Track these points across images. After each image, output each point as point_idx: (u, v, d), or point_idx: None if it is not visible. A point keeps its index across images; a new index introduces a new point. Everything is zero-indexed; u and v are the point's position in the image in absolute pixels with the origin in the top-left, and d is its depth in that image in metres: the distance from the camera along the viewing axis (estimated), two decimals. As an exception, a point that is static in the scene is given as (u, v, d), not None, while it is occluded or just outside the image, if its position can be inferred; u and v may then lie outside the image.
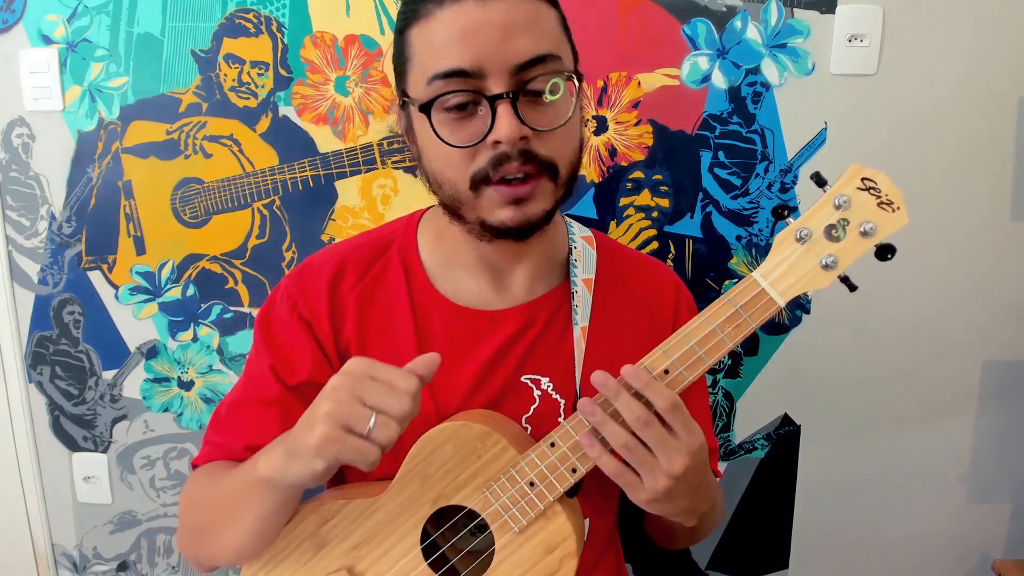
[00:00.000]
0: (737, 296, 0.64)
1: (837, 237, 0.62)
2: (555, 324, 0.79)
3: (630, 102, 1.18)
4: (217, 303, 1.30)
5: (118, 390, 1.36)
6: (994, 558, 1.29)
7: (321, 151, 1.24)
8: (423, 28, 0.67)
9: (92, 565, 1.45)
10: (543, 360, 0.78)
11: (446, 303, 0.79)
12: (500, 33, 0.64)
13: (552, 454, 0.68)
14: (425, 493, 0.72)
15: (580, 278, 0.80)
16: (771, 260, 0.64)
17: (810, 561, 1.32)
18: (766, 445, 1.29)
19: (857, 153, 1.18)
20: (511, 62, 0.64)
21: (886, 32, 1.14)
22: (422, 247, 0.81)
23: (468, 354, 0.77)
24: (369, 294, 0.79)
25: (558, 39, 0.69)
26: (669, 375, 0.66)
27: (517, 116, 0.65)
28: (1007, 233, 1.20)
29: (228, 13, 1.21)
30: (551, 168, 0.69)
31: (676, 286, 0.88)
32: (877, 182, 0.62)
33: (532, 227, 0.70)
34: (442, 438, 0.71)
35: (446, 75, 0.65)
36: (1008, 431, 1.27)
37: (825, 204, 0.62)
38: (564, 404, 0.78)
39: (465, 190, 0.69)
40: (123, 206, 1.28)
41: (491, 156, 0.67)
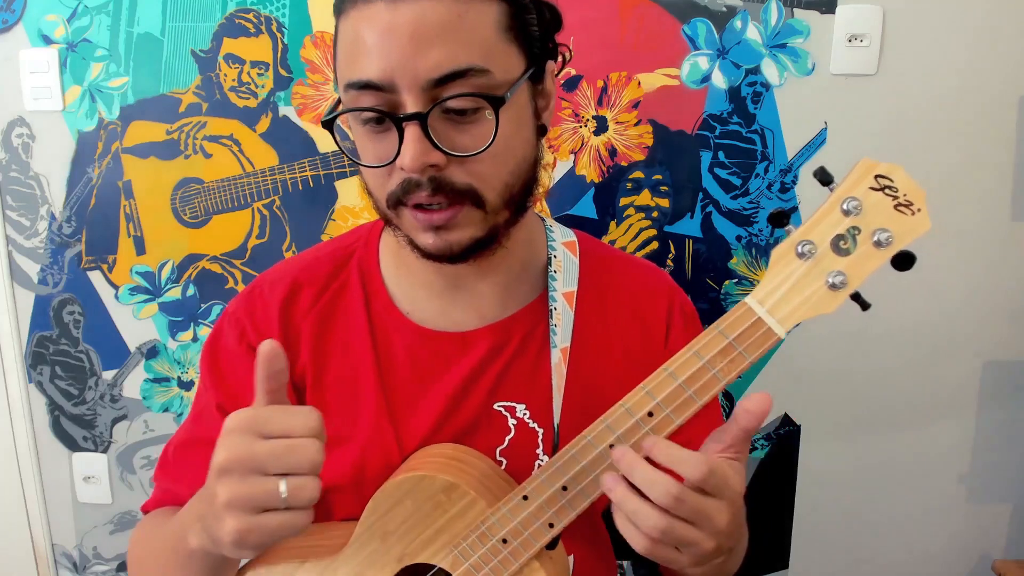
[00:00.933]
0: (729, 327, 0.54)
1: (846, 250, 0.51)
2: (532, 343, 0.71)
3: (630, 102, 1.18)
4: (217, 303, 1.30)
5: (118, 390, 1.36)
6: (994, 558, 1.29)
7: (321, 151, 1.24)
8: (345, 23, 0.59)
9: (92, 565, 1.45)
10: (518, 385, 0.70)
11: (408, 325, 0.71)
12: (409, 42, 0.55)
13: (526, 508, 0.60)
14: (388, 551, 0.65)
15: (560, 292, 0.71)
16: (768, 282, 0.53)
17: (810, 561, 1.32)
18: (766, 445, 1.29)
19: (857, 153, 1.17)
20: (423, 77, 0.55)
21: (886, 32, 1.14)
22: (383, 260, 0.74)
23: (435, 381, 0.70)
24: (326, 316, 0.71)
25: (492, 46, 0.58)
26: (654, 418, 0.57)
27: (428, 139, 0.56)
28: (1007, 233, 1.20)
29: (228, 13, 1.21)
30: (471, 195, 0.60)
31: (670, 291, 0.79)
32: (893, 179, 0.52)
33: (463, 253, 0.62)
34: (399, 493, 0.64)
35: (358, 86, 0.57)
36: (1008, 431, 1.27)
37: (831, 210, 0.52)
38: (543, 433, 0.70)
39: (385, 208, 0.63)
40: (123, 206, 1.28)
41: (401, 180, 0.59)
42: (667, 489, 0.51)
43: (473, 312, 0.71)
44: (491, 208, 0.61)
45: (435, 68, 0.55)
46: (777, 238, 1.21)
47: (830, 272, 0.51)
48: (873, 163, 0.53)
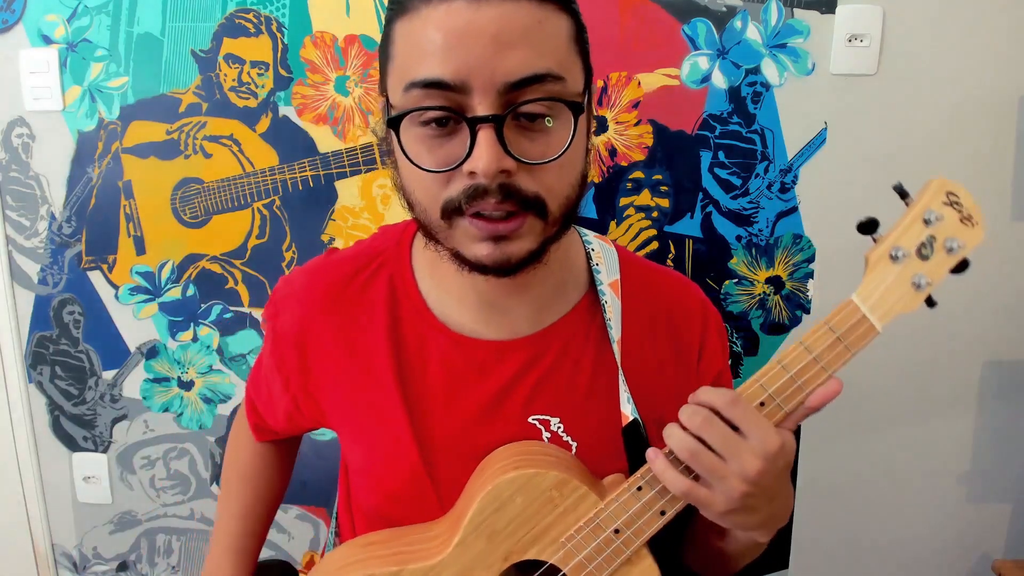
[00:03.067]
0: (838, 323, 0.61)
1: (926, 255, 0.59)
2: (567, 356, 0.70)
3: (630, 102, 1.18)
4: (217, 303, 1.30)
5: (118, 390, 1.36)
6: (994, 558, 1.29)
7: (321, 151, 1.24)
8: (407, 25, 0.56)
9: (92, 565, 1.45)
10: (553, 398, 0.69)
11: (444, 331, 0.69)
12: (491, 43, 0.53)
13: (640, 498, 0.62)
14: (494, 551, 0.64)
15: (606, 284, 0.71)
16: (869, 282, 0.60)
17: (810, 561, 1.32)
18: (766, 445, 1.28)
19: (857, 153, 1.18)
20: (500, 79, 0.54)
21: (886, 32, 1.14)
22: (416, 263, 0.72)
23: (468, 388, 0.68)
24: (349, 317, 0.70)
25: (564, 56, 0.57)
26: (765, 407, 0.62)
27: (501, 144, 0.54)
28: (1007, 233, 1.20)
29: (228, 13, 1.21)
30: (538, 205, 0.58)
31: (703, 306, 0.78)
32: (960, 197, 0.59)
33: (516, 266, 0.60)
34: (511, 491, 0.63)
35: (424, 85, 0.55)
36: (1008, 431, 1.27)
37: (915, 221, 0.59)
38: (576, 448, 0.69)
39: (436, 219, 0.59)
40: (123, 206, 1.28)
41: (465, 187, 0.56)
42: (696, 413, 0.57)
43: (507, 327, 0.70)
44: (552, 219, 0.60)
45: (515, 71, 0.54)
46: (777, 238, 1.21)
47: (915, 274, 0.60)
48: (945, 180, 0.59)
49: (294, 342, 0.72)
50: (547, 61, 0.55)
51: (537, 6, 0.55)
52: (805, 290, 1.22)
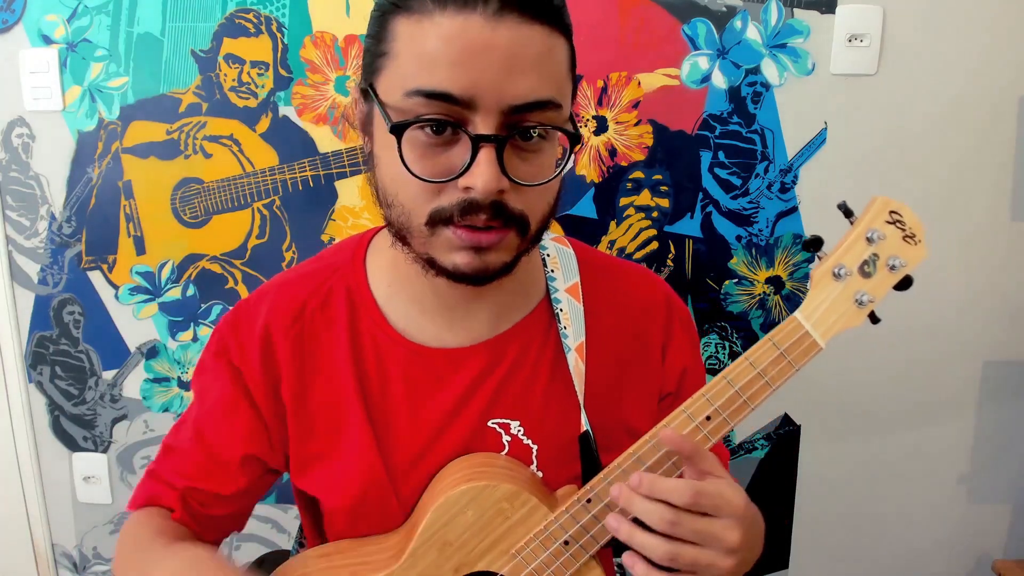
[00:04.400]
0: (781, 339, 0.62)
1: (869, 273, 0.61)
2: (525, 360, 0.70)
3: (630, 102, 1.18)
4: (217, 303, 1.30)
5: (118, 390, 1.36)
6: (994, 558, 1.29)
7: (321, 151, 1.24)
8: (415, 26, 0.55)
9: (92, 565, 1.45)
10: (512, 402, 0.70)
11: (403, 342, 0.69)
12: (504, 66, 0.53)
13: (590, 511, 0.64)
14: (445, 563, 0.65)
15: (563, 289, 0.72)
16: (812, 300, 0.62)
17: (810, 561, 1.32)
18: (766, 445, 1.29)
19: (857, 153, 1.18)
20: (507, 102, 0.54)
21: (886, 32, 1.14)
22: (373, 279, 0.71)
23: (428, 398, 0.69)
24: (306, 335, 0.70)
25: (563, 83, 0.59)
26: (711, 421, 0.62)
27: (500, 165, 0.55)
28: (1007, 233, 1.20)
29: (228, 13, 1.21)
30: (520, 223, 0.60)
31: (667, 300, 0.78)
32: (903, 215, 0.60)
33: (491, 276, 0.61)
34: (463, 503, 0.64)
35: (430, 95, 0.55)
36: (1008, 431, 1.27)
37: (858, 239, 0.60)
38: (537, 450, 0.70)
39: (419, 224, 0.59)
40: (123, 206, 1.28)
41: (459, 200, 0.57)
42: (662, 515, 0.55)
43: (465, 332, 0.70)
44: (529, 236, 0.62)
45: (522, 95, 0.55)
46: (777, 238, 1.21)
47: (858, 291, 0.61)
48: (887, 200, 0.61)
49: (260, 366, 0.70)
50: (551, 89, 0.57)
51: (548, 32, 0.56)
52: (805, 290, 1.22)
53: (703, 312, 1.24)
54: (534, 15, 0.55)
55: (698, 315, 1.24)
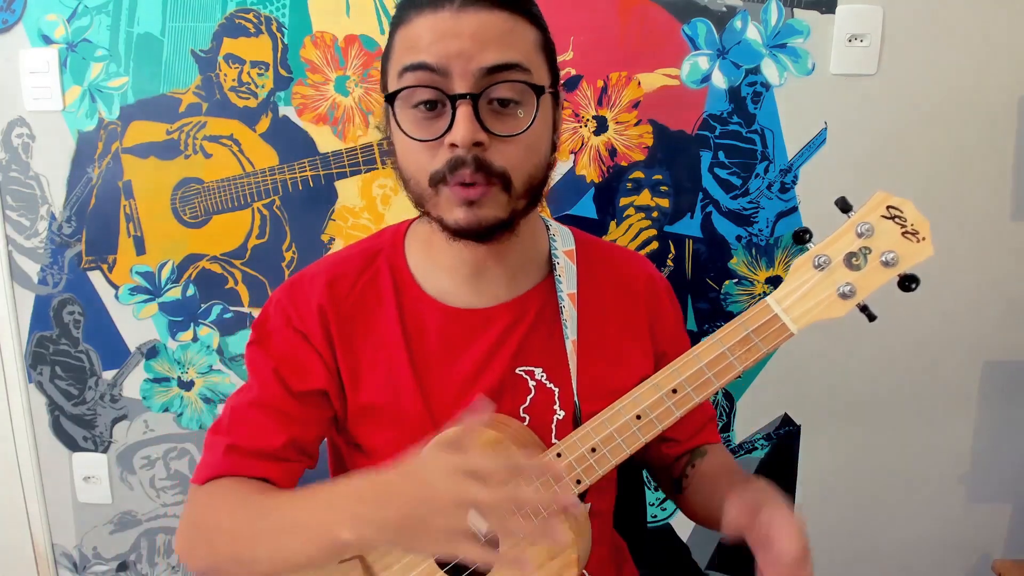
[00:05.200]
0: (750, 320, 0.63)
1: (857, 265, 0.61)
2: (544, 317, 0.82)
3: (630, 102, 1.18)
4: (217, 303, 1.30)
5: (118, 390, 1.36)
6: (994, 558, 1.29)
7: (321, 151, 1.24)
8: (404, 31, 0.70)
9: (92, 565, 1.45)
10: (535, 352, 0.80)
11: (438, 306, 0.80)
12: (469, 40, 0.66)
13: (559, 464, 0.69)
14: None
15: (565, 293, 0.82)
16: (787, 286, 0.63)
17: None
18: (766, 445, 1.29)
19: (857, 153, 1.18)
20: (476, 65, 0.66)
21: (886, 32, 1.14)
22: (410, 255, 0.83)
23: (463, 352, 0.79)
24: (359, 304, 0.81)
25: (531, 54, 0.70)
26: (677, 394, 0.66)
27: (477, 119, 0.66)
28: (1007, 233, 1.20)
29: (228, 13, 1.21)
30: (503, 178, 0.69)
31: (650, 275, 0.89)
32: (903, 211, 0.60)
33: (487, 230, 0.71)
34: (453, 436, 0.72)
35: (413, 67, 0.67)
36: (1008, 431, 1.27)
37: (847, 231, 0.61)
38: (558, 392, 0.80)
39: (426, 187, 0.71)
40: (123, 206, 1.28)
41: (448, 159, 0.68)
42: None
43: (490, 294, 0.81)
44: (515, 194, 0.71)
45: (489, 59, 0.66)
46: (777, 238, 1.21)
47: (841, 283, 0.61)
48: (887, 195, 0.60)
49: (320, 333, 0.79)
50: (515, 54, 0.68)
51: (509, 16, 0.68)
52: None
53: (703, 312, 1.24)
54: (493, 4, 0.67)
55: (698, 315, 1.24)
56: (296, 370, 0.79)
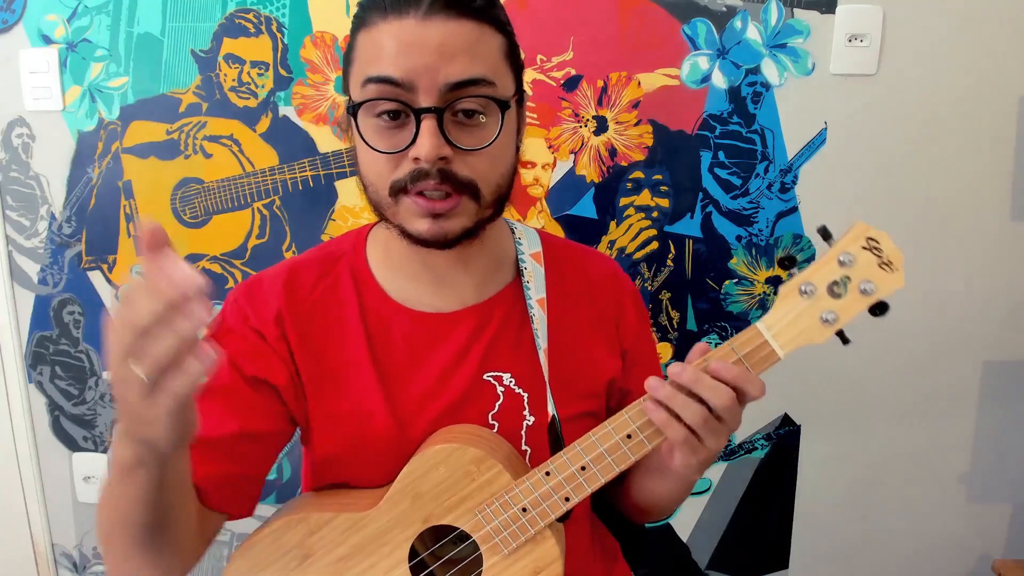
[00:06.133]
0: (740, 345, 0.65)
1: (838, 294, 0.63)
2: (512, 320, 0.80)
3: (630, 102, 1.18)
4: (217, 303, 1.30)
5: (118, 390, 1.36)
6: (994, 558, 1.29)
7: (321, 151, 1.24)
8: (367, 35, 0.68)
9: (92, 565, 1.45)
10: (503, 356, 0.79)
11: (403, 310, 0.79)
12: (435, 52, 0.64)
13: (547, 483, 0.70)
14: (416, 511, 0.72)
15: (535, 300, 0.81)
16: (775, 312, 0.65)
17: (810, 561, 1.32)
18: (766, 445, 1.29)
19: (857, 153, 1.18)
20: (442, 80, 0.65)
21: (886, 32, 1.14)
22: (372, 260, 0.81)
23: (429, 357, 0.78)
24: (319, 308, 0.78)
25: (496, 65, 0.69)
26: None
27: (441, 133, 0.65)
28: (1007, 233, 1.20)
29: (228, 13, 1.21)
30: (471, 188, 0.69)
31: (616, 275, 0.89)
32: (880, 242, 0.63)
33: (451, 241, 0.70)
34: (436, 460, 0.72)
35: (378, 80, 0.66)
36: (1008, 431, 1.27)
37: (830, 261, 0.63)
38: (528, 397, 0.78)
39: (385, 195, 0.70)
40: (123, 206, 1.28)
41: (410, 170, 0.67)
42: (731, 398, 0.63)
43: (456, 298, 0.79)
44: (484, 203, 0.70)
45: (454, 74, 0.65)
46: (777, 238, 1.21)
47: (824, 310, 0.63)
48: (866, 227, 0.63)
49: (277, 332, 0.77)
50: (481, 68, 0.66)
51: (476, 25, 0.66)
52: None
53: (703, 312, 1.24)
54: (459, 12, 0.65)
55: (698, 315, 1.24)
56: (252, 359, 0.75)
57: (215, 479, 0.72)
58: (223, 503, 0.73)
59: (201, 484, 0.71)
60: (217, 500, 0.73)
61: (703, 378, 0.63)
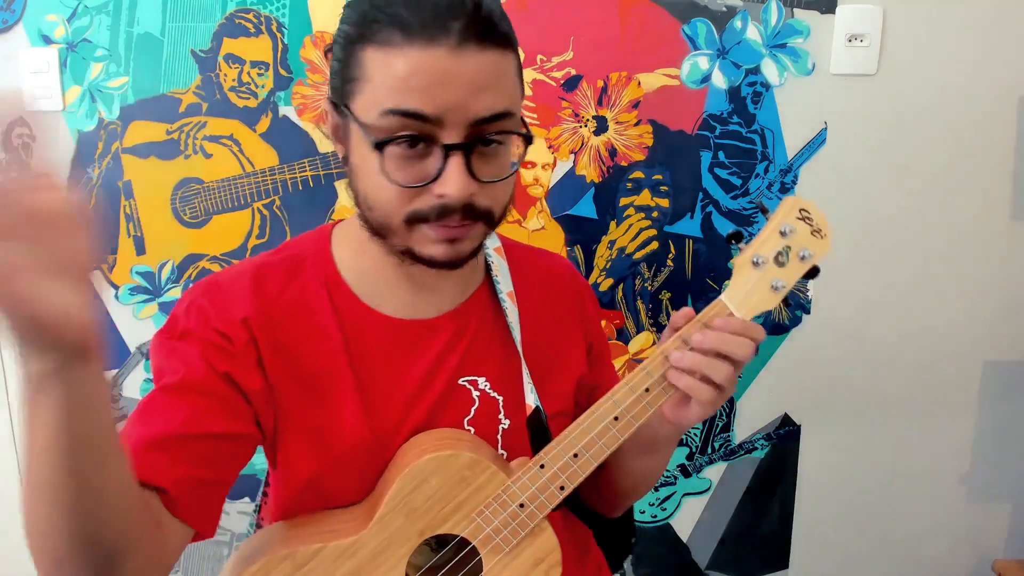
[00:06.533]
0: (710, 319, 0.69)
1: (782, 262, 0.69)
2: (486, 322, 0.79)
3: (630, 102, 1.18)
4: (217, 303, 1.30)
5: (118, 390, 1.36)
6: (994, 558, 1.29)
7: (321, 151, 1.24)
8: (385, 55, 0.63)
9: (92, 565, 1.45)
10: (479, 360, 0.78)
11: (379, 316, 0.76)
12: (467, 88, 0.62)
13: (543, 475, 0.71)
14: (411, 527, 0.70)
15: (491, 248, 0.82)
16: (735, 285, 0.70)
17: (810, 561, 1.32)
18: (766, 445, 1.29)
19: (857, 153, 1.18)
20: (472, 116, 0.63)
21: (886, 32, 1.14)
22: (341, 265, 0.77)
23: (407, 365, 0.76)
24: (290, 313, 0.74)
25: (515, 92, 0.68)
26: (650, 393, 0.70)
27: (468, 170, 0.64)
28: (1007, 233, 1.20)
29: (228, 13, 1.21)
30: (487, 216, 0.69)
31: (572, 273, 0.90)
32: (810, 212, 0.70)
33: (462, 262, 0.70)
34: (428, 470, 0.70)
35: (405, 114, 0.62)
36: (1008, 431, 1.27)
37: (773, 233, 0.69)
38: (503, 400, 0.78)
39: (399, 223, 0.67)
40: (123, 206, 1.28)
41: (434, 205, 0.65)
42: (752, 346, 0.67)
43: (433, 305, 0.78)
44: (494, 225, 0.71)
45: (483, 111, 0.64)
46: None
47: (774, 279, 0.69)
48: (797, 199, 0.70)
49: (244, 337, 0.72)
50: (506, 101, 0.66)
51: (500, 53, 0.65)
52: (805, 290, 1.22)
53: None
54: (490, 43, 0.64)
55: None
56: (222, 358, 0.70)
57: (185, 483, 0.66)
58: (191, 512, 0.67)
59: (170, 488, 0.65)
60: (185, 507, 0.67)
61: (726, 337, 0.66)
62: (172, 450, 0.66)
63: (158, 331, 0.75)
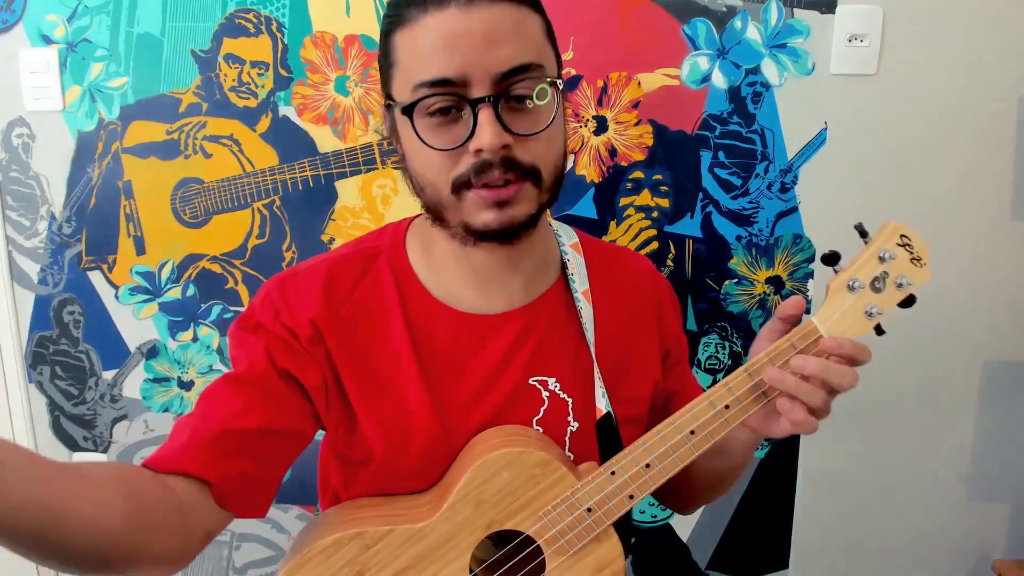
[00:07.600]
0: (799, 340, 0.68)
1: (879, 288, 0.67)
2: (557, 323, 0.79)
3: (630, 102, 1.18)
4: (217, 303, 1.30)
5: (118, 390, 1.36)
6: (994, 558, 1.29)
7: (321, 151, 1.24)
8: (408, 34, 0.66)
9: (92, 565, 1.45)
10: (549, 360, 0.77)
11: (447, 310, 0.77)
12: (483, 42, 0.64)
13: (613, 482, 0.70)
14: (479, 518, 0.71)
15: (579, 292, 0.80)
16: (828, 308, 0.69)
17: (810, 561, 1.32)
18: (766, 445, 1.29)
19: (857, 153, 1.18)
20: (494, 70, 0.64)
21: (886, 32, 1.14)
22: (414, 259, 0.79)
23: (473, 359, 0.76)
24: (360, 310, 0.76)
25: (541, 47, 0.69)
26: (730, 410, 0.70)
27: (499, 122, 0.64)
28: (1008, 233, 1.20)
29: (228, 13, 1.21)
30: (534, 174, 0.68)
31: (653, 273, 0.89)
32: (912, 239, 0.68)
33: (516, 229, 0.69)
34: (501, 464, 0.71)
35: (431, 83, 0.65)
36: (1008, 431, 1.27)
37: (872, 257, 0.67)
38: (572, 402, 0.77)
39: (447, 194, 0.68)
40: (123, 206, 1.28)
41: (473, 163, 0.66)
42: (856, 376, 0.66)
43: (501, 300, 0.78)
44: (544, 187, 0.70)
45: (505, 62, 0.64)
46: (777, 238, 1.21)
47: (868, 304, 0.68)
48: (899, 225, 0.68)
49: (311, 334, 0.74)
50: (529, 53, 0.66)
51: (515, 7, 0.66)
52: (805, 290, 1.22)
53: (703, 312, 1.24)
54: None
55: (698, 315, 1.24)
56: (285, 354, 0.72)
57: (231, 476, 0.68)
58: (237, 504, 0.70)
59: (216, 481, 0.67)
60: (232, 501, 0.69)
61: (830, 366, 0.65)
62: (222, 443, 0.68)
63: (235, 320, 0.78)
